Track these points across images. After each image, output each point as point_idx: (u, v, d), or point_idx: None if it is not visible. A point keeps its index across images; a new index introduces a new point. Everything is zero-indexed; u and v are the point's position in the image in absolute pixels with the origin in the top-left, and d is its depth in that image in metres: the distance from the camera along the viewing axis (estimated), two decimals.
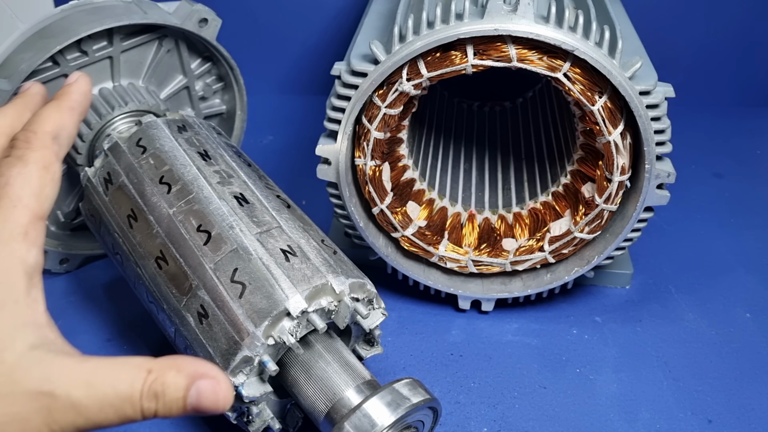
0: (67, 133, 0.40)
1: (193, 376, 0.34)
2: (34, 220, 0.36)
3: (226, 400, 0.35)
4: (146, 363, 0.34)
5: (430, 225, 0.59)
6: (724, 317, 0.61)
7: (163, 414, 0.34)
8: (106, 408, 0.32)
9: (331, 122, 0.52)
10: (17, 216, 0.35)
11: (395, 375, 0.54)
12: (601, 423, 0.51)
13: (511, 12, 0.47)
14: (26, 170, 0.37)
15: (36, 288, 0.35)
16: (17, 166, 0.37)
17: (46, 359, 0.33)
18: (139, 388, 0.33)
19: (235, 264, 0.44)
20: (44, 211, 0.37)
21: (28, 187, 0.36)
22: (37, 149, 0.38)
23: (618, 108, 0.49)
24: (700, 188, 0.79)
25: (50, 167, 0.38)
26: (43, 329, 0.34)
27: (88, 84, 0.43)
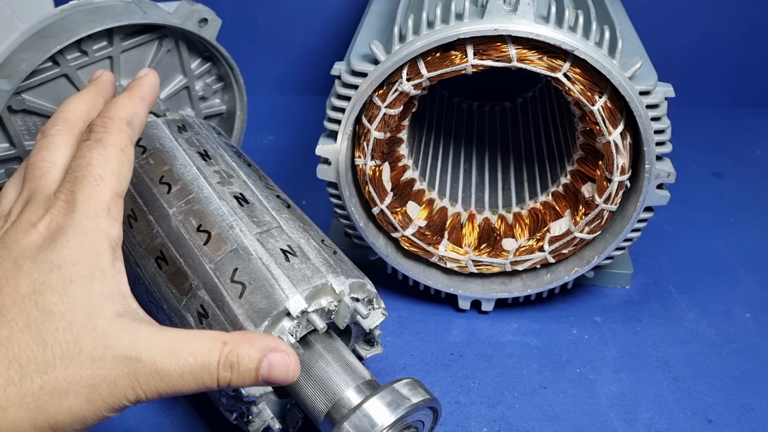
0: (139, 119, 0.43)
1: (264, 349, 0.37)
2: (115, 197, 0.39)
3: (296, 372, 0.38)
4: (222, 336, 0.37)
5: (430, 225, 0.59)
6: (724, 317, 0.61)
7: (237, 383, 0.36)
8: (186, 375, 0.35)
9: (331, 122, 0.52)
10: (101, 193, 0.38)
11: (395, 375, 0.54)
12: (601, 423, 0.51)
13: (511, 12, 0.47)
14: (106, 152, 0.39)
15: (119, 260, 0.38)
16: (97, 149, 0.39)
17: (131, 326, 0.35)
18: (216, 358, 0.36)
19: (235, 264, 0.44)
20: (123, 189, 0.40)
21: (108, 166, 0.39)
22: (114, 133, 0.40)
23: (618, 108, 0.49)
24: (700, 188, 0.79)
25: (126, 149, 0.41)
26: (127, 299, 0.37)
27: (157, 78, 0.46)
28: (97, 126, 0.41)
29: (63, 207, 0.37)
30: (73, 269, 0.36)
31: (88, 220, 0.37)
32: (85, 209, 0.37)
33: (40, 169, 0.40)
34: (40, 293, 0.35)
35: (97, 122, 0.41)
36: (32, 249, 0.36)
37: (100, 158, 0.39)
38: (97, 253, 0.37)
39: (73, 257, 0.36)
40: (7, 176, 0.58)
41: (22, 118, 0.56)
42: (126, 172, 0.40)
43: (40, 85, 0.55)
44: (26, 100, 0.55)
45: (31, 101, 0.55)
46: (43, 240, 0.36)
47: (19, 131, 0.56)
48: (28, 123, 0.57)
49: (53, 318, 0.34)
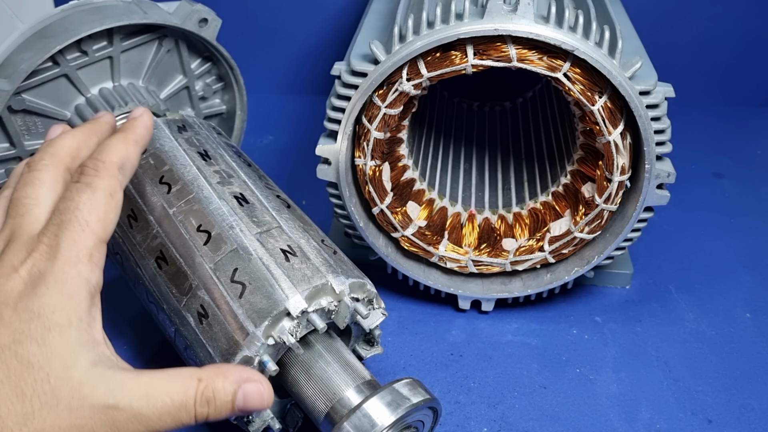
0: (131, 164, 0.43)
1: (238, 381, 0.38)
2: (99, 244, 0.38)
3: (270, 399, 0.39)
4: (196, 372, 0.37)
5: (430, 225, 0.59)
6: (724, 317, 0.61)
7: (214, 417, 0.37)
8: (164, 416, 0.36)
9: (331, 122, 0.52)
10: (85, 239, 0.38)
11: (395, 375, 0.54)
12: (601, 423, 0.51)
13: (511, 12, 0.47)
14: (95, 197, 0.39)
15: (96, 307, 0.38)
16: (86, 192, 0.39)
17: (107, 375, 0.36)
18: (192, 396, 0.36)
19: (235, 264, 0.44)
20: (107, 234, 0.39)
21: (95, 212, 0.39)
22: (105, 177, 0.40)
23: (618, 108, 0.49)
24: (700, 188, 0.79)
25: (115, 195, 0.40)
26: (101, 346, 0.37)
27: (151, 119, 0.46)
28: (89, 168, 0.40)
29: (46, 251, 0.37)
30: (51, 317, 0.36)
31: (70, 267, 0.37)
32: (68, 255, 0.37)
33: (23, 206, 0.39)
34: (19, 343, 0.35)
35: (88, 164, 0.41)
36: (13, 296, 0.36)
37: (88, 203, 0.39)
38: (76, 300, 0.36)
39: (53, 305, 0.36)
40: (7, 176, 0.58)
41: (22, 117, 0.56)
42: (112, 217, 0.40)
43: (40, 85, 0.55)
44: (26, 100, 0.55)
45: (31, 101, 0.55)
46: (25, 286, 0.36)
47: (19, 131, 0.56)
48: (28, 123, 0.57)
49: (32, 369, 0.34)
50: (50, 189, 0.40)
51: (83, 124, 0.45)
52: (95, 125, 0.45)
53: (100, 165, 0.41)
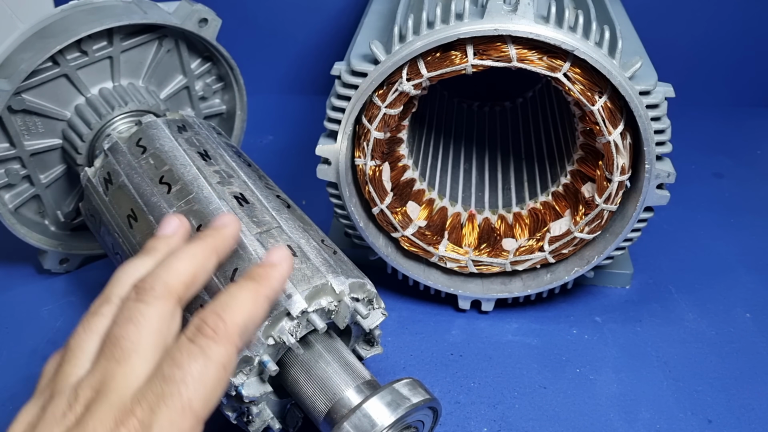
0: (255, 325, 0.36)
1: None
2: (196, 426, 0.32)
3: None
4: None
5: (430, 225, 0.59)
6: (724, 317, 0.61)
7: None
8: None
9: (331, 122, 0.52)
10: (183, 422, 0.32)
11: (395, 375, 0.54)
12: (601, 423, 0.51)
13: (511, 12, 0.47)
14: (206, 369, 0.33)
15: None
16: (199, 361, 0.33)
17: None
18: None
19: (235, 264, 0.44)
20: (207, 415, 0.33)
21: (203, 389, 0.32)
22: (223, 345, 0.34)
23: (618, 108, 0.49)
24: (700, 188, 0.79)
25: (228, 367, 0.34)
26: None
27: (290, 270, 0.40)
28: (208, 329, 0.34)
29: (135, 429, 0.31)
30: None
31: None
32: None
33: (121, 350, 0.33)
34: None
35: (209, 322, 0.34)
36: None
37: (198, 376, 0.32)
38: None
39: None
40: (7, 176, 0.57)
41: (22, 117, 0.56)
42: (219, 394, 0.33)
43: (40, 85, 0.55)
44: (26, 100, 0.55)
45: (31, 101, 0.55)
46: None
47: (19, 131, 0.56)
48: (28, 123, 0.57)
49: None
50: (156, 332, 0.34)
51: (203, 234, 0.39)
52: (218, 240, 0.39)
53: (221, 327, 0.34)
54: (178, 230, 0.41)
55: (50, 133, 0.58)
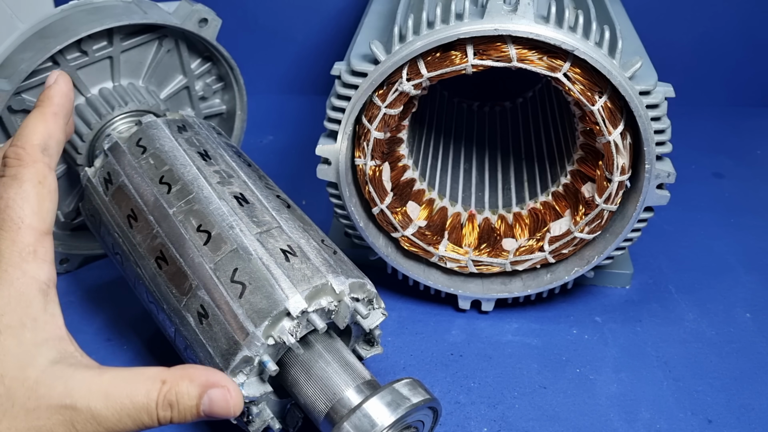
0: (55, 140, 0.40)
1: (204, 385, 0.36)
2: (40, 237, 0.37)
3: (237, 406, 0.37)
4: (160, 374, 0.36)
5: (430, 225, 0.59)
6: (724, 317, 0.61)
7: (178, 420, 0.36)
8: (124, 418, 0.35)
9: (331, 122, 0.52)
10: (23, 236, 0.37)
11: (395, 375, 0.54)
12: (601, 423, 0.51)
13: (511, 12, 0.47)
14: (22, 189, 0.37)
15: (52, 303, 0.37)
16: (13, 186, 0.37)
17: (66, 373, 0.35)
18: (154, 398, 0.35)
19: (235, 264, 0.44)
20: (48, 225, 0.38)
21: (28, 205, 0.37)
22: (29, 164, 0.38)
23: (618, 108, 0.49)
24: (700, 188, 0.79)
25: (45, 181, 0.38)
26: (63, 343, 0.36)
27: (68, 83, 0.43)
28: (10, 159, 0.39)
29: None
30: (1, 320, 0.35)
31: (14, 268, 0.36)
32: (9, 257, 0.36)
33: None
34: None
35: (9, 154, 0.39)
36: None
37: (18, 197, 0.37)
38: (26, 300, 0.36)
39: (1, 308, 0.35)
40: None
41: (22, 118, 0.56)
42: (48, 205, 0.38)
43: (40, 85, 0.55)
44: (26, 100, 0.55)
45: (31, 101, 0.55)
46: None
47: None
48: None
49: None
50: None
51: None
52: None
53: (21, 152, 0.39)
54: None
55: None
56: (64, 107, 0.42)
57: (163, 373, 0.36)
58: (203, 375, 0.37)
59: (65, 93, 0.42)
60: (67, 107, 0.42)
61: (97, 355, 0.55)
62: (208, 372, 0.38)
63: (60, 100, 0.42)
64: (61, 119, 0.41)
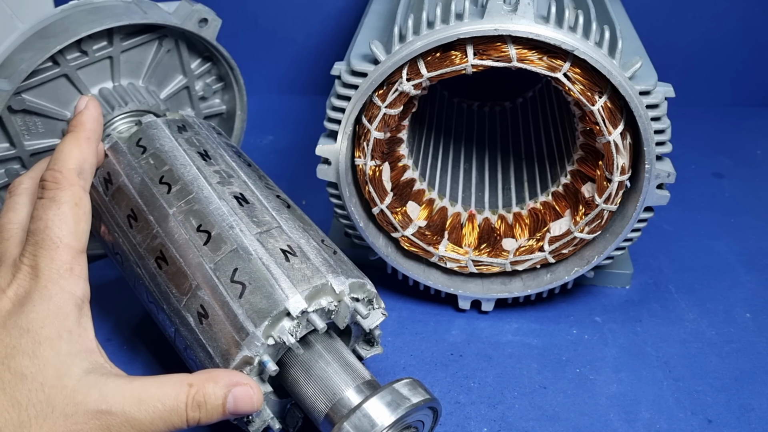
0: (90, 164, 0.44)
1: (228, 385, 0.39)
2: (77, 256, 0.41)
3: (259, 401, 0.40)
4: (186, 378, 0.39)
5: (430, 225, 0.59)
6: (724, 317, 0.61)
7: (206, 420, 0.39)
8: (156, 420, 0.37)
9: (331, 122, 0.52)
10: (61, 255, 0.40)
11: (395, 375, 0.54)
12: (601, 423, 0.51)
13: (511, 12, 0.47)
14: (61, 211, 0.41)
15: (86, 317, 0.40)
16: (52, 208, 0.41)
17: (100, 381, 0.37)
18: (184, 401, 0.38)
19: (235, 264, 0.44)
20: (83, 244, 0.41)
21: (66, 226, 0.41)
22: (66, 188, 0.42)
23: (618, 108, 0.49)
24: (700, 188, 0.79)
25: (80, 203, 0.42)
26: (94, 354, 0.39)
27: (98, 108, 0.47)
28: (48, 182, 0.42)
29: (28, 272, 0.39)
30: (41, 332, 0.38)
31: (52, 284, 0.39)
32: (48, 273, 0.39)
33: (7, 231, 0.42)
34: (11, 357, 0.37)
35: (47, 177, 0.42)
36: (2, 315, 0.38)
37: (56, 219, 0.40)
38: (63, 314, 0.39)
39: (41, 320, 0.38)
40: (7, 176, 0.58)
41: (22, 117, 0.56)
42: (84, 226, 0.42)
43: (40, 85, 0.55)
44: (26, 100, 0.55)
45: (31, 101, 0.55)
46: (12, 305, 0.39)
47: (19, 131, 0.56)
48: (28, 123, 0.56)
49: (25, 380, 0.36)
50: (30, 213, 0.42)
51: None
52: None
53: (58, 176, 0.42)
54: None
55: (50, 133, 0.58)
56: (95, 132, 0.46)
57: (188, 377, 0.39)
58: (226, 376, 0.40)
59: (96, 118, 0.46)
60: (98, 131, 0.46)
61: None
62: (230, 373, 0.40)
63: (92, 125, 0.45)
64: (93, 144, 0.45)
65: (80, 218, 0.42)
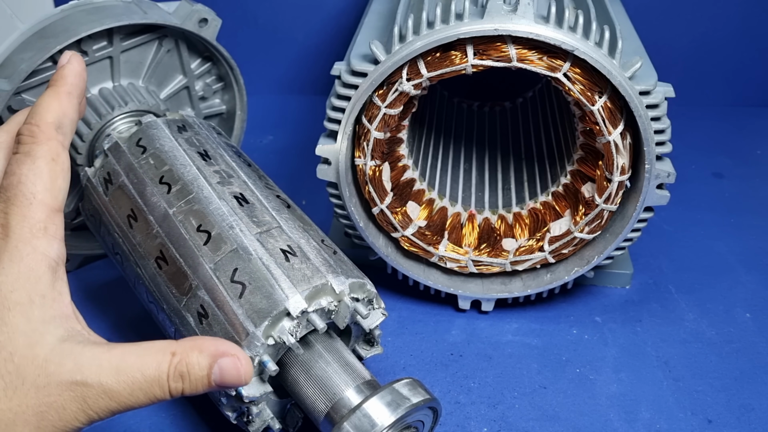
0: (69, 119, 0.41)
1: (214, 354, 0.37)
2: (51, 214, 0.37)
3: (248, 375, 0.38)
4: (170, 346, 0.36)
5: (430, 225, 0.59)
6: (724, 317, 0.61)
7: (190, 392, 0.36)
8: (136, 391, 0.35)
9: (331, 122, 0.52)
10: (34, 212, 0.37)
11: (395, 375, 0.54)
12: (601, 423, 0.51)
13: (511, 12, 0.47)
14: (36, 165, 0.38)
15: (60, 280, 0.37)
16: (26, 163, 0.38)
17: (75, 350, 0.35)
18: (165, 371, 0.35)
19: (235, 264, 0.44)
20: (59, 203, 0.38)
21: (40, 182, 0.37)
22: (43, 142, 0.38)
23: (618, 108, 0.49)
24: (700, 188, 0.79)
25: (58, 158, 0.39)
26: (70, 320, 0.36)
27: (81, 63, 0.43)
28: (24, 136, 0.39)
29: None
30: (11, 297, 0.35)
31: (24, 243, 0.36)
32: (20, 232, 0.36)
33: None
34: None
35: (23, 131, 0.39)
36: None
37: (30, 173, 0.37)
38: (35, 276, 0.36)
39: (10, 284, 0.35)
40: None
41: None
42: (61, 183, 0.38)
43: (40, 85, 0.55)
44: (26, 100, 0.55)
45: (31, 101, 0.55)
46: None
47: None
48: None
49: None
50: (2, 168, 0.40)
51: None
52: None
53: (35, 129, 0.39)
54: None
55: None
56: (77, 86, 0.42)
57: (172, 345, 0.36)
58: (212, 345, 0.37)
59: (78, 72, 0.42)
60: (81, 86, 0.42)
61: None
62: (217, 342, 0.38)
63: (73, 79, 0.42)
64: (74, 98, 0.41)
65: (57, 174, 0.38)
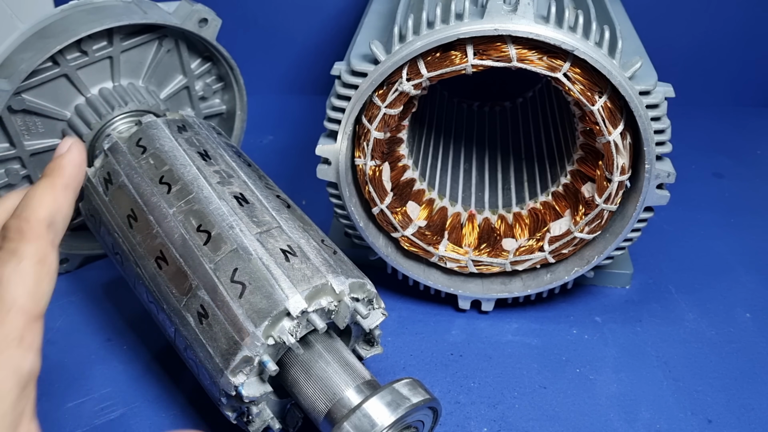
0: (63, 215, 0.37)
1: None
2: (30, 323, 0.34)
3: None
4: None
5: (430, 225, 0.59)
6: (724, 317, 0.61)
7: None
8: None
9: (331, 122, 0.52)
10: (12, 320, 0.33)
11: (395, 375, 0.54)
12: (601, 423, 0.51)
13: (511, 12, 0.47)
14: (20, 267, 0.34)
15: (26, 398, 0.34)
16: (11, 263, 0.34)
17: None
18: None
19: (235, 264, 0.44)
20: (41, 309, 0.35)
21: (23, 286, 0.34)
22: (32, 240, 0.35)
23: (618, 108, 0.49)
24: (700, 188, 0.79)
25: (45, 260, 0.35)
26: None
27: (82, 153, 0.39)
28: (12, 232, 0.35)
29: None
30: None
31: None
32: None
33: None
34: None
35: (11, 226, 0.35)
36: None
37: (14, 275, 0.34)
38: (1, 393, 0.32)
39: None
40: (7, 176, 0.58)
41: (22, 117, 0.56)
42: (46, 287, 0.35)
43: (40, 85, 0.55)
44: (26, 100, 0.55)
45: (31, 101, 0.55)
46: None
47: (19, 131, 0.56)
48: (28, 123, 0.57)
49: None
50: None
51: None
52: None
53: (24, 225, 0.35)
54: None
55: (50, 133, 0.58)
56: (75, 179, 0.39)
57: None
58: None
59: (78, 164, 0.39)
60: (79, 179, 0.39)
61: (97, 354, 0.55)
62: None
63: (72, 170, 0.38)
64: (71, 193, 0.38)
65: (42, 278, 0.35)
